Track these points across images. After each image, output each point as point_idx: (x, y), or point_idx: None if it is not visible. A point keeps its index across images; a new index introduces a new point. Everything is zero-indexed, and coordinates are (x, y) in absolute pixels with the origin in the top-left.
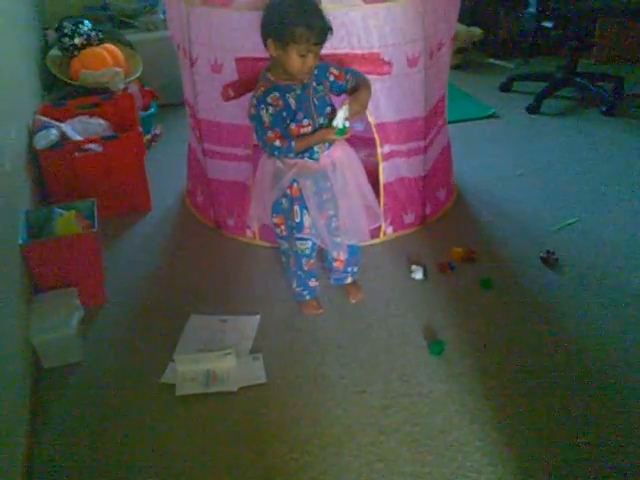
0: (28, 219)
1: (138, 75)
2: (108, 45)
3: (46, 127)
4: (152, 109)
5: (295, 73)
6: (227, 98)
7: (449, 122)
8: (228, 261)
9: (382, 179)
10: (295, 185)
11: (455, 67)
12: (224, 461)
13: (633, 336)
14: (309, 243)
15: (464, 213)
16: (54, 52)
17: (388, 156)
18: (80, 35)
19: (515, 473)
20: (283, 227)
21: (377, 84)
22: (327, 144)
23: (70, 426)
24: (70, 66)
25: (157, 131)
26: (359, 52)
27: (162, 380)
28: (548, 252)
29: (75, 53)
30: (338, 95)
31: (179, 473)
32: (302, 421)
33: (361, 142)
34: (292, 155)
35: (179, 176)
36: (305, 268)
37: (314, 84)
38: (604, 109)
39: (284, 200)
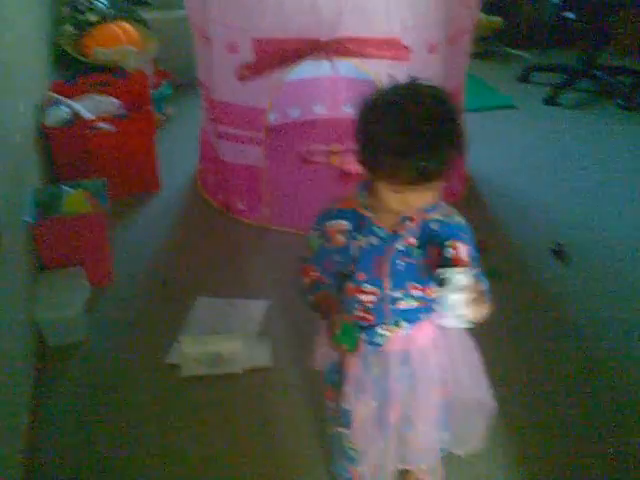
0: (36, 197)
1: (152, 54)
2: (122, 23)
3: (57, 104)
4: (165, 89)
5: (391, 210)
6: (243, 79)
7: (465, 111)
8: (237, 244)
9: None
10: (350, 358)
11: (474, 56)
12: (228, 441)
13: None
14: (357, 446)
15: (476, 203)
16: (67, 28)
17: None
18: (94, 12)
19: (515, 460)
20: (333, 404)
21: (395, 69)
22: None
23: (74, 404)
24: (83, 43)
25: (169, 111)
26: (379, 36)
27: (167, 360)
28: (558, 244)
29: (88, 30)
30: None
31: (183, 452)
32: (305, 404)
33: None
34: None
35: (189, 157)
36: (349, 476)
37: (412, 240)
38: (622, 103)
39: (336, 370)
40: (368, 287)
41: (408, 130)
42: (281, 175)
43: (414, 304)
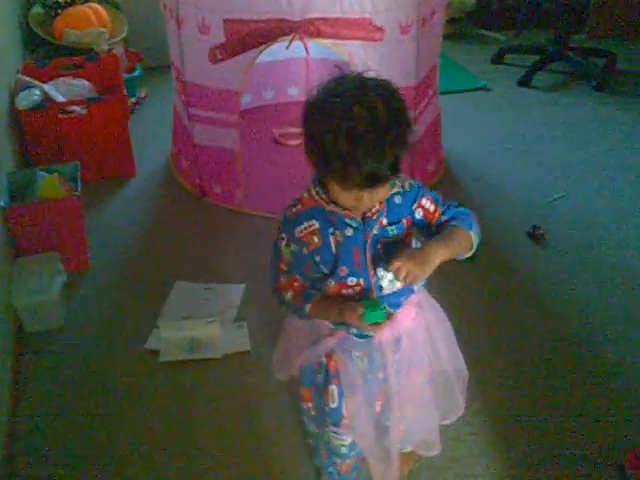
0: (10, 181)
1: (123, 36)
2: (93, 4)
3: (28, 87)
4: (137, 72)
5: (345, 207)
6: (214, 61)
7: (439, 93)
8: (214, 228)
9: None
10: (334, 356)
11: (447, 37)
12: (208, 426)
13: (616, 312)
14: (347, 440)
15: (452, 186)
16: (37, 10)
17: None
18: None
19: (497, 440)
20: (311, 405)
21: (369, 50)
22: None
23: (53, 390)
24: (53, 25)
25: (142, 94)
26: (350, 17)
27: (146, 346)
28: (534, 227)
29: (59, 11)
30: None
31: (163, 437)
32: (285, 388)
33: None
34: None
35: (164, 141)
36: (340, 470)
37: (384, 221)
38: (595, 84)
39: (317, 371)
40: (353, 280)
41: (355, 137)
42: (256, 158)
43: (397, 286)
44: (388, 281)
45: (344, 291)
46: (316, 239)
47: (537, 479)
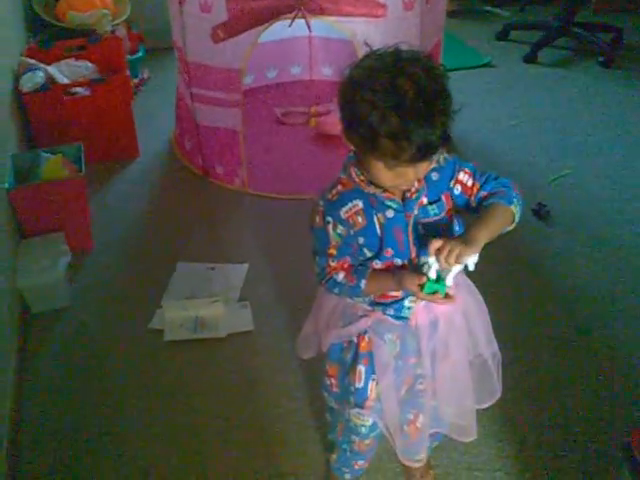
0: (14, 163)
1: (126, 17)
2: None
3: (32, 69)
4: (140, 53)
5: (385, 187)
6: (217, 40)
7: None
8: (216, 209)
9: None
10: (367, 337)
11: (451, 14)
12: (212, 405)
13: (622, 287)
14: (368, 421)
15: None
16: None
17: None
18: None
19: (506, 422)
20: (334, 381)
21: (371, 28)
22: None
23: (58, 370)
24: (56, 7)
25: (144, 75)
26: None
27: (150, 326)
28: (540, 204)
29: None
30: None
31: (167, 417)
32: (289, 368)
33: None
34: (360, 300)
35: (167, 122)
36: (355, 448)
37: (424, 201)
38: (602, 60)
39: (346, 349)
40: (399, 261)
41: (403, 110)
42: (258, 138)
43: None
44: (435, 270)
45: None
46: (361, 219)
47: (546, 460)
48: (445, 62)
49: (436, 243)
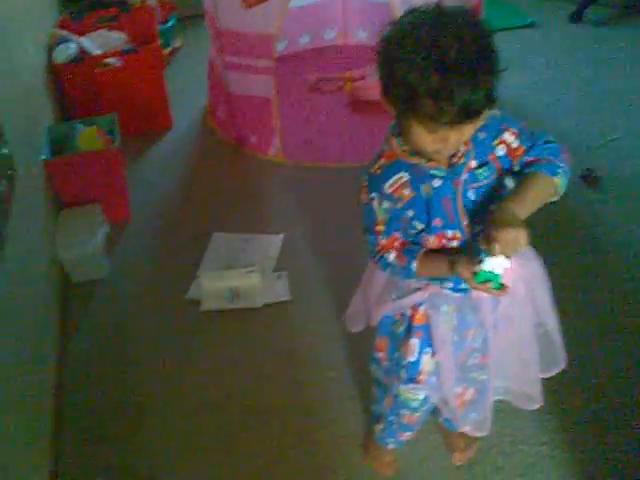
0: (51, 135)
1: None
2: None
3: (65, 41)
4: (171, 22)
5: (426, 154)
6: (248, 5)
7: None
8: (251, 179)
9: None
10: (421, 309)
11: None
12: (250, 374)
13: None
14: (421, 395)
15: None
16: None
17: None
18: None
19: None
20: (383, 355)
21: None
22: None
23: (97, 338)
24: None
25: (177, 45)
26: None
27: (187, 296)
28: (588, 170)
29: None
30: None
31: (204, 386)
32: (325, 338)
33: None
34: (413, 280)
35: (200, 92)
36: (404, 421)
37: (473, 164)
38: None
39: (398, 322)
40: (449, 232)
41: (445, 68)
42: (292, 106)
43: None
44: (490, 260)
45: (444, 243)
46: (407, 192)
47: (595, 436)
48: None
49: (489, 241)
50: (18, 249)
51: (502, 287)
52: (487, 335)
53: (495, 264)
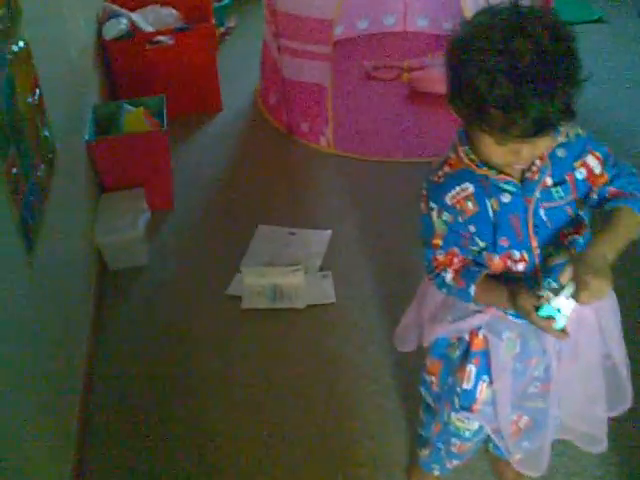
0: (96, 114)
1: None
2: None
3: (115, 16)
4: (226, 0)
5: (497, 166)
6: None
7: None
8: (300, 169)
9: None
10: (481, 334)
11: None
12: (289, 376)
13: None
14: (475, 425)
15: None
16: None
17: None
18: None
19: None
20: (435, 379)
21: None
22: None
23: (132, 329)
24: None
25: (231, 24)
26: None
27: (228, 292)
28: None
29: None
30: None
31: (242, 384)
32: (371, 347)
33: None
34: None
35: (252, 74)
36: (453, 450)
37: (548, 182)
38: None
39: (454, 345)
40: (516, 254)
41: (518, 75)
42: (347, 94)
43: (564, 258)
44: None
45: (510, 265)
46: (471, 205)
47: None
48: None
49: (571, 281)
50: (56, 234)
51: (564, 330)
52: (550, 363)
53: (564, 304)
